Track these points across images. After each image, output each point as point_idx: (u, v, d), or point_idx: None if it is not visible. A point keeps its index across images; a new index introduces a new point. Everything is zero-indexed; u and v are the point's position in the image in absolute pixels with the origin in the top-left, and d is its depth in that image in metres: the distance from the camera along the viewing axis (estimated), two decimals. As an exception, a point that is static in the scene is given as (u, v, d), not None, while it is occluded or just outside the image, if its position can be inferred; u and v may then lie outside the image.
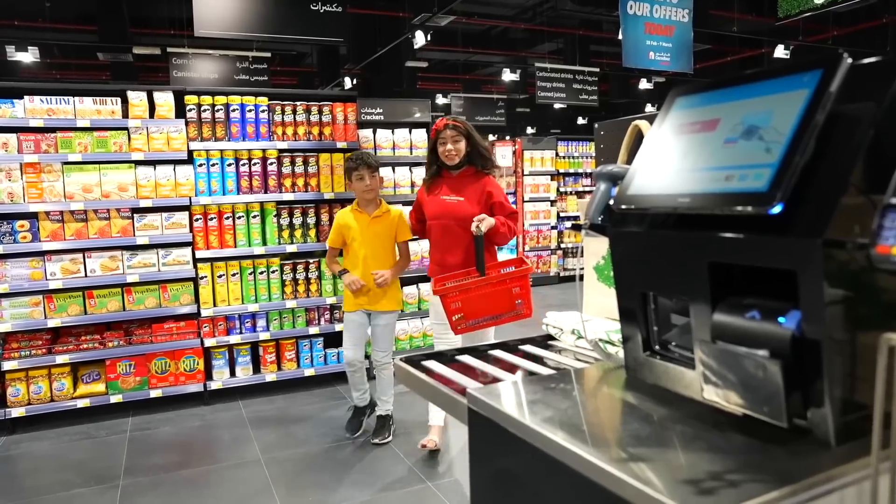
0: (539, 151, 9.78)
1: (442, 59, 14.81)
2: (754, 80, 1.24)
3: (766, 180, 1.06)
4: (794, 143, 1.06)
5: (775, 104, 1.15)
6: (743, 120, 1.19)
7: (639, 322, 1.44)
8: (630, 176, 1.37)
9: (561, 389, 1.48)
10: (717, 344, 1.19)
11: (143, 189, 4.53)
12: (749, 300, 1.18)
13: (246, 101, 4.81)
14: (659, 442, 1.16)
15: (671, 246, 1.28)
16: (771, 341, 1.11)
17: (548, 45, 14.40)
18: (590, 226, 1.49)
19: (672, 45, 5.78)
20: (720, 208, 1.13)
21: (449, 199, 3.54)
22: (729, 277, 1.23)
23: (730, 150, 1.18)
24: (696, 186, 1.20)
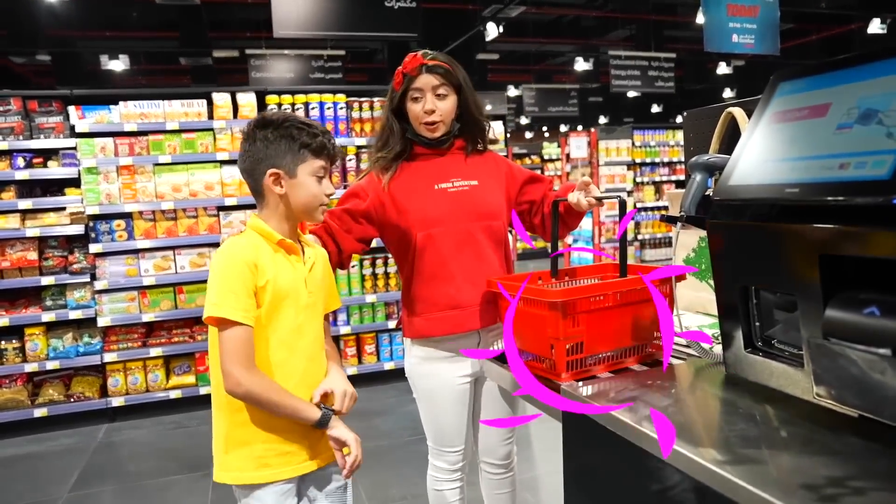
0: (614, 141, 9.58)
1: (513, 50, 14.69)
2: (870, 60, 1.16)
3: (889, 167, 0.99)
4: (920, 128, 0.99)
5: (895, 85, 1.07)
6: (858, 104, 1.11)
7: (740, 317, 1.38)
8: (731, 166, 1.31)
9: (658, 386, 1.44)
10: (831, 342, 1.13)
11: (227, 188, 4.69)
12: (866, 295, 1.11)
13: (324, 100, 4.91)
14: (770, 443, 1.11)
15: (777, 238, 1.22)
16: (893, 339, 1.04)
17: (620, 31, 14.07)
18: (686, 218, 1.44)
19: (756, 25, 5.53)
20: (834, 198, 1.06)
21: (456, 187, 1.98)
22: (842, 270, 1.16)
23: (844, 136, 1.11)
24: (806, 175, 1.14)
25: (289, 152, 1.60)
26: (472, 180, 2.01)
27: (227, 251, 1.57)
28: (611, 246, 9.55)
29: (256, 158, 1.60)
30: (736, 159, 1.31)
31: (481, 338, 2.03)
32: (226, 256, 1.56)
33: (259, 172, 1.61)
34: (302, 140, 1.61)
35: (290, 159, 1.60)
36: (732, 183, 1.28)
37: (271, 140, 1.60)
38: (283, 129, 1.60)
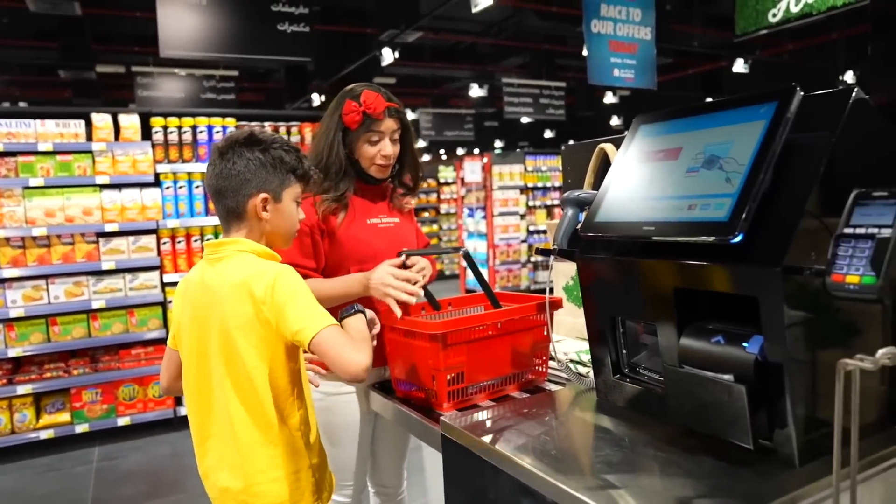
0: (507, 166, 9.87)
1: (410, 74, 14.86)
2: (714, 109, 1.28)
3: (727, 210, 1.09)
4: (753, 174, 1.10)
5: (734, 134, 1.19)
6: (704, 149, 1.22)
7: (608, 345, 1.47)
8: (597, 203, 1.40)
9: (534, 414, 1.50)
10: (684, 368, 1.22)
11: (108, 213, 4.46)
12: (714, 325, 1.21)
13: (213, 123, 4.77)
14: (630, 467, 1.18)
15: (638, 272, 1.31)
16: (735, 366, 1.14)
17: (514, 59, 14.56)
18: (558, 251, 1.52)
19: (636, 61, 5.90)
20: (683, 237, 1.16)
21: (385, 223, 2.03)
22: (696, 302, 1.26)
23: (692, 179, 1.22)
24: (661, 215, 1.23)
25: (277, 176, 1.51)
26: (394, 217, 2.05)
27: (286, 272, 1.45)
28: (504, 268, 9.79)
29: (242, 179, 1.49)
30: (601, 197, 1.40)
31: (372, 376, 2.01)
32: (290, 277, 1.45)
33: (244, 194, 1.50)
34: (291, 164, 1.53)
35: (277, 183, 1.52)
36: (598, 220, 1.37)
37: (262, 161, 1.50)
38: (273, 151, 1.52)
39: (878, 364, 0.92)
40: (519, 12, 11.23)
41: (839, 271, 0.98)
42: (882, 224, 0.97)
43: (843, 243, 0.99)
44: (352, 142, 1.91)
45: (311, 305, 1.43)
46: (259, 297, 1.41)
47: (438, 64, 13.82)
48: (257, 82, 14.76)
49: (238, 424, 1.46)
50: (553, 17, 11.42)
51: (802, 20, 5.04)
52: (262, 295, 1.40)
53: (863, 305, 1.01)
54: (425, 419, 1.57)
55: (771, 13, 5.26)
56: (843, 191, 1.07)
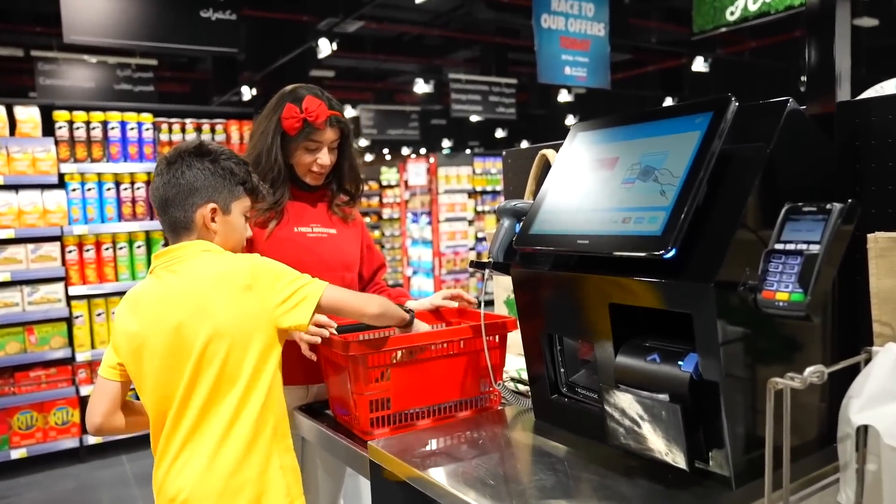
0: (455, 168, 9.94)
1: (350, 67, 14.83)
2: (650, 118, 1.35)
3: (661, 224, 1.15)
4: (687, 186, 1.16)
5: (669, 145, 1.25)
6: (640, 160, 1.28)
7: (545, 363, 1.52)
8: (532, 214, 1.45)
9: (468, 437, 1.53)
10: (621, 388, 1.27)
11: (3, 218, 4.33)
12: (650, 342, 1.27)
13: (127, 119, 4.67)
14: (565, 492, 1.22)
15: (573, 287, 1.36)
16: (671, 385, 1.20)
17: (463, 52, 14.69)
18: (493, 264, 1.56)
19: (588, 59, 6.05)
20: (617, 251, 1.21)
21: (315, 233, 2.05)
22: (633, 318, 1.32)
23: (627, 190, 1.27)
24: (596, 228, 1.28)
25: (226, 187, 1.60)
26: (331, 228, 2.07)
27: (256, 256, 1.58)
28: (451, 277, 9.84)
29: (191, 189, 1.56)
30: (537, 208, 1.45)
31: (309, 391, 2.01)
32: (261, 258, 1.58)
33: (191, 204, 1.57)
34: (241, 176, 1.63)
35: (227, 194, 1.60)
36: (532, 232, 1.41)
37: (212, 171, 1.58)
38: (223, 162, 1.60)
39: (806, 382, 0.98)
40: (469, 2, 11.36)
41: (769, 288, 1.04)
42: (810, 240, 1.03)
43: (773, 259, 1.06)
44: (287, 147, 1.96)
45: (300, 277, 1.56)
46: (245, 284, 1.49)
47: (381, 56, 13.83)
48: (181, 72, 14.48)
49: (232, 430, 1.48)
50: (505, 7, 11.58)
51: (761, 19, 5.27)
52: (248, 281, 1.49)
53: (799, 321, 1.08)
54: (353, 444, 1.59)
55: (729, 11, 5.48)
56: (779, 203, 1.14)
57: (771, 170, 1.18)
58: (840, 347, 1.31)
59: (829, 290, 1.07)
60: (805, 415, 1.30)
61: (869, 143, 1.33)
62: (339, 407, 1.73)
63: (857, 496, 1.12)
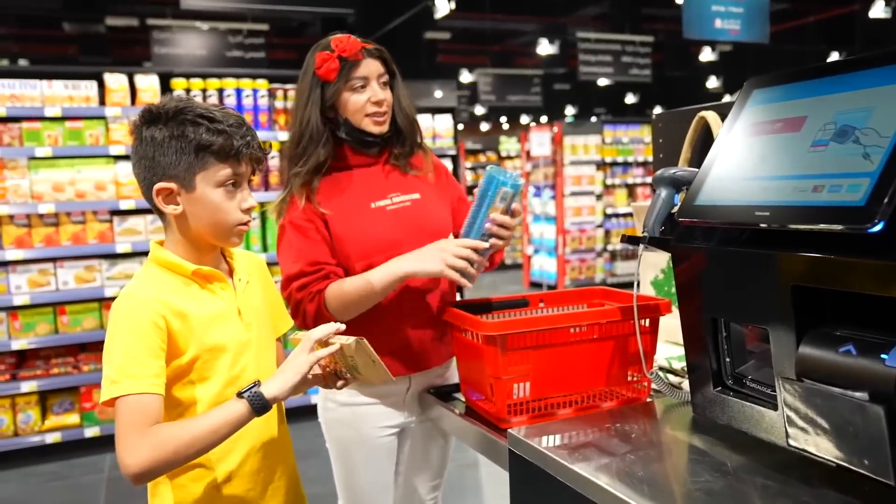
0: (582, 137, 9.78)
1: (467, 27, 14.84)
2: (848, 69, 1.24)
3: (864, 193, 1.06)
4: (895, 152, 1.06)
5: (875, 99, 1.15)
6: (835, 119, 1.19)
7: (708, 352, 1.45)
8: (698, 183, 1.37)
9: (617, 430, 1.49)
10: (804, 382, 1.19)
11: (124, 188, 4.60)
12: (843, 331, 1.18)
13: (242, 86, 4.86)
14: (736, 498, 1.16)
15: (747, 265, 1.29)
16: (871, 381, 1.11)
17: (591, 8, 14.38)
18: (649, 240, 1.50)
19: (743, 9, 5.73)
20: (806, 224, 1.13)
21: (396, 204, 1.96)
22: (819, 303, 1.23)
23: (818, 154, 1.18)
24: (778, 197, 1.20)
25: (182, 157, 1.39)
26: (413, 193, 1.97)
27: (124, 307, 1.39)
28: (576, 257, 9.71)
29: (143, 166, 1.42)
30: (703, 175, 1.38)
31: (412, 384, 1.98)
32: (123, 314, 1.38)
33: (146, 185, 1.43)
34: (199, 139, 1.38)
35: (184, 167, 1.39)
36: (699, 203, 1.34)
37: (159, 141, 1.39)
38: (173, 126, 1.39)
39: None
40: (598, -48, 11.09)
41: None
42: None
43: None
44: (334, 99, 1.89)
45: (124, 357, 1.32)
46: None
47: (501, 15, 13.75)
48: (290, 38, 14.97)
49: None
50: (640, -44, 11.23)
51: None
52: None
53: None
54: (491, 432, 1.59)
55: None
56: None
57: None
58: None
59: None
60: None
61: None
62: (472, 391, 1.73)
63: None
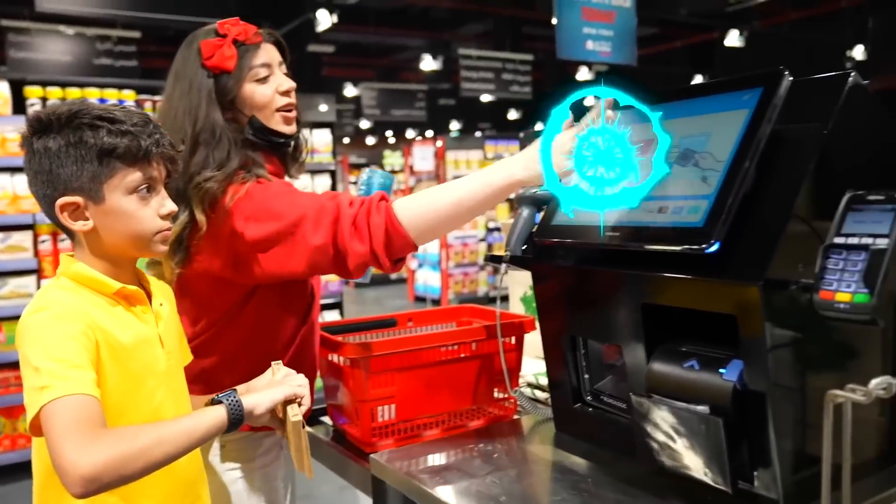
0: (464, 152, 9.91)
1: (351, 42, 14.78)
2: (691, 95, 1.30)
3: (702, 215, 1.11)
4: (732, 173, 1.11)
5: (712, 125, 1.20)
6: (678, 143, 1.24)
7: (568, 369, 1.48)
8: (555, 203, 1.40)
9: (481, 450, 1.49)
10: (653, 397, 1.23)
11: (-26, 202, 4.32)
12: (688, 347, 1.23)
13: (107, 96, 4.65)
14: (590, 515, 1.19)
15: (601, 285, 1.32)
16: (711, 395, 1.16)
17: (474, 26, 14.62)
18: (510, 258, 1.52)
19: (613, 32, 5.98)
20: (651, 245, 1.17)
21: None
22: (668, 320, 1.27)
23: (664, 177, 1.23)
24: (628, 218, 1.24)
25: (85, 166, 1.21)
26: None
27: (43, 319, 1.19)
28: (460, 271, 9.81)
29: (42, 181, 1.24)
30: (560, 196, 1.40)
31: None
32: (45, 325, 1.18)
33: (48, 202, 1.25)
34: (101, 143, 1.21)
35: (88, 177, 1.22)
36: (555, 222, 1.37)
37: (54, 151, 1.21)
38: (69, 132, 1.21)
39: (871, 396, 0.94)
40: (480, -30, 11.30)
41: (828, 287, 1.00)
42: (877, 233, 0.99)
43: (833, 255, 1.01)
44: (235, 92, 1.59)
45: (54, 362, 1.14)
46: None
47: (385, 30, 13.77)
48: (167, 46, 14.42)
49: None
50: (521, -24, 11.52)
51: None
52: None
53: (857, 326, 1.03)
54: (355, 457, 1.56)
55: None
56: (837, 191, 1.09)
57: (828, 153, 1.14)
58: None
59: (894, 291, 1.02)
60: (863, 431, 1.25)
61: (939, 123, 1.27)
62: (338, 414, 1.70)
63: (924, 524, 1.08)
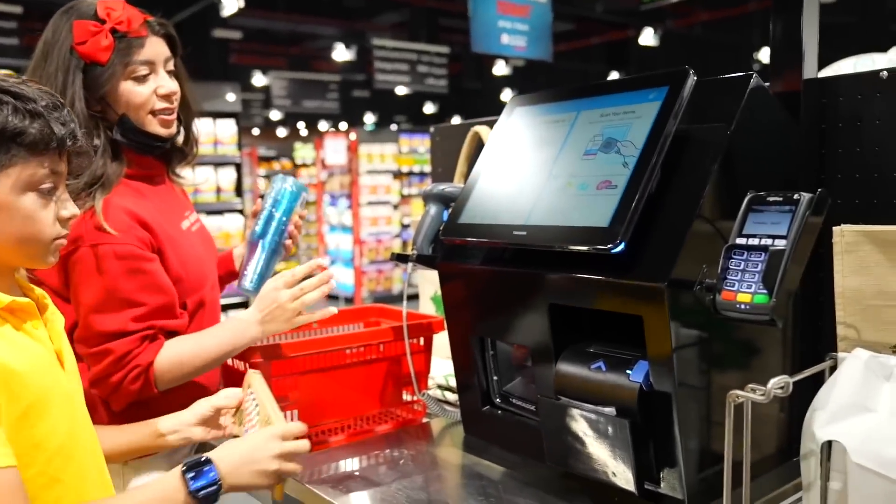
0: (378, 145, 9.86)
1: (261, 28, 14.48)
2: (600, 92, 1.31)
3: (609, 214, 1.11)
4: (638, 174, 1.12)
5: (617, 126, 1.22)
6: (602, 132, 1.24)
7: (476, 371, 1.47)
8: (461, 201, 1.39)
9: (387, 456, 1.48)
10: (560, 400, 1.24)
11: None
12: (595, 348, 1.24)
13: (-12, 78, 4.42)
14: (496, 521, 1.18)
15: (508, 285, 1.32)
16: (618, 396, 1.17)
17: (389, 16, 14.54)
18: (417, 257, 1.50)
19: (529, 27, 6.05)
20: (558, 244, 1.17)
21: (192, 222, 1.68)
22: (576, 321, 1.28)
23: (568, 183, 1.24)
24: (535, 217, 1.24)
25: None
26: (193, 212, 1.72)
27: None
28: (374, 268, 9.76)
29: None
30: (466, 192, 1.40)
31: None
32: None
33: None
34: (6, 125, 1.04)
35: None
36: (462, 221, 1.36)
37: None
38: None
39: (769, 396, 0.97)
40: (396, -42, 11.25)
41: (730, 288, 1.02)
42: (776, 234, 1.02)
43: (734, 255, 1.04)
44: (107, 88, 1.45)
45: None
46: None
47: (296, 17, 13.55)
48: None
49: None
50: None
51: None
52: None
53: (759, 326, 1.06)
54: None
55: (680, -21, 5.57)
56: (740, 191, 1.12)
57: (732, 154, 1.16)
58: (802, 352, 1.32)
59: (794, 291, 1.06)
60: (764, 427, 1.29)
61: (836, 125, 1.33)
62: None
63: (821, 519, 1.12)
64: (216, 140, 5.39)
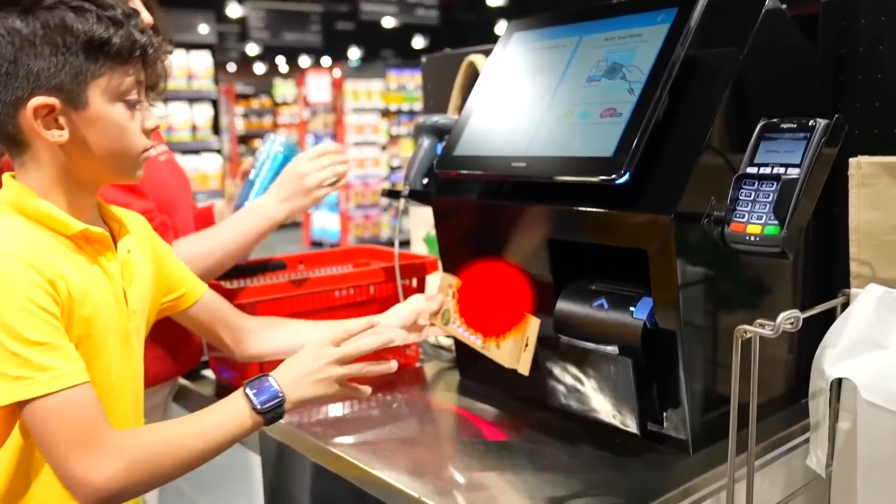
0: (365, 81, 9.76)
1: (235, -48, 14.23)
2: (605, 15, 1.30)
3: (613, 144, 1.11)
4: (644, 101, 1.12)
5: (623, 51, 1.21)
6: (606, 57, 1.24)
7: (473, 312, 1.49)
8: (456, 132, 1.39)
9: (380, 401, 1.50)
10: (561, 339, 1.25)
11: None
12: (597, 286, 1.25)
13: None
14: (495, 462, 1.21)
15: (506, 220, 1.33)
16: (621, 335, 1.19)
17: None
18: (409, 192, 1.50)
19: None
20: (559, 175, 1.17)
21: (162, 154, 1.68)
22: (577, 257, 1.29)
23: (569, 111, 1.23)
24: (536, 148, 1.24)
25: (68, 60, 1.04)
26: (162, 143, 1.72)
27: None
28: (360, 213, 9.75)
29: (1, 73, 1.04)
30: (462, 124, 1.39)
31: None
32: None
33: (8, 102, 1.05)
34: (91, 34, 1.04)
35: (69, 75, 1.05)
36: (457, 153, 1.36)
37: (26, 36, 1.03)
38: (46, 14, 1.03)
39: (778, 330, 0.98)
40: None
41: (739, 219, 1.03)
42: (789, 163, 1.02)
43: (745, 185, 1.04)
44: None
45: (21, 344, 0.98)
46: None
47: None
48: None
49: None
50: None
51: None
52: None
53: (771, 260, 1.07)
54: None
55: None
56: (752, 120, 1.12)
57: (743, 80, 1.16)
58: (813, 292, 1.33)
59: (805, 224, 1.06)
60: (771, 368, 1.32)
61: (856, 50, 1.32)
62: (220, 366, 1.66)
63: (828, 459, 1.14)
64: (190, 73, 5.31)
